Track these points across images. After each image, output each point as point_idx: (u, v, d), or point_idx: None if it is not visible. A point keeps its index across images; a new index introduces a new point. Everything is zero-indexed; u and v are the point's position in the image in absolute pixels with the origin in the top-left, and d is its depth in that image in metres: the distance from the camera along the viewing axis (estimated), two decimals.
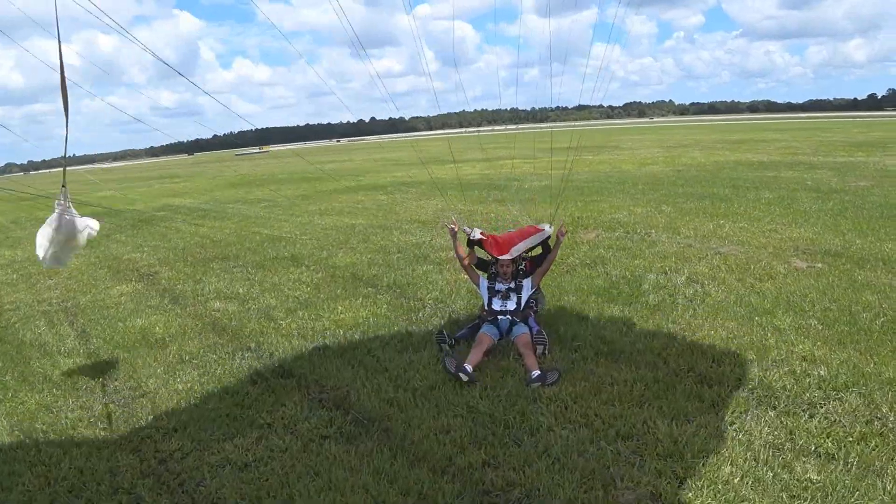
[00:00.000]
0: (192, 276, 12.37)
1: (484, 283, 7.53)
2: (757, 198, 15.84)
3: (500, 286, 7.39)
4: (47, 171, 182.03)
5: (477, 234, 7.37)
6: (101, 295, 11.59)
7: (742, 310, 7.49)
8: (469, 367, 6.14)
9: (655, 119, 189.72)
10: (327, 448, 5.24)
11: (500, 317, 7.22)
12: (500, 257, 7.28)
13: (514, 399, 5.65)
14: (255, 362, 7.35)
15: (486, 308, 7.39)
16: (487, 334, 6.90)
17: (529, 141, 69.36)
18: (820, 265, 9.21)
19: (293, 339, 7.98)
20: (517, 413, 5.38)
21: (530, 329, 6.98)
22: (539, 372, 6.02)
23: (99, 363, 8.00)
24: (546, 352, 6.55)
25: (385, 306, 8.92)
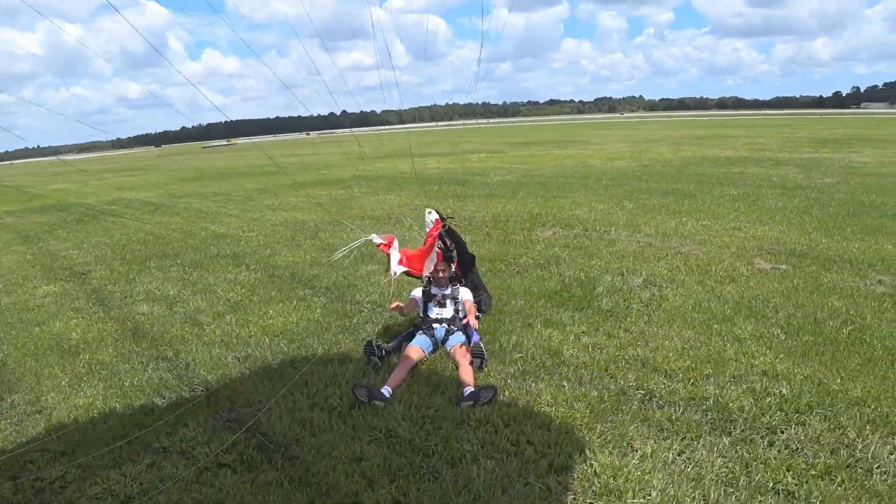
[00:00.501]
0: (126, 275, 11.52)
1: (419, 290, 6.92)
2: (722, 194, 15.40)
3: (435, 290, 6.78)
4: (9, 162, 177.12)
5: (400, 271, 6.67)
6: (25, 296, 10.70)
7: (700, 316, 6.92)
8: (387, 392, 5.48)
9: (626, 114, 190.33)
10: (222, 479, 4.55)
11: (435, 325, 6.59)
12: (421, 275, 6.86)
13: (440, 421, 4.99)
14: (169, 374, 6.62)
15: (421, 315, 6.77)
16: (417, 347, 6.25)
17: (499, 135, 68.70)
18: (784, 266, 8.70)
19: (214, 347, 7.24)
20: (441, 439, 4.72)
21: (469, 339, 6.35)
22: (472, 389, 5.37)
23: (3, 373, 7.19)
24: (483, 366, 5.90)
25: (319, 310, 8.21)
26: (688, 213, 13.10)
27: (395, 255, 6.60)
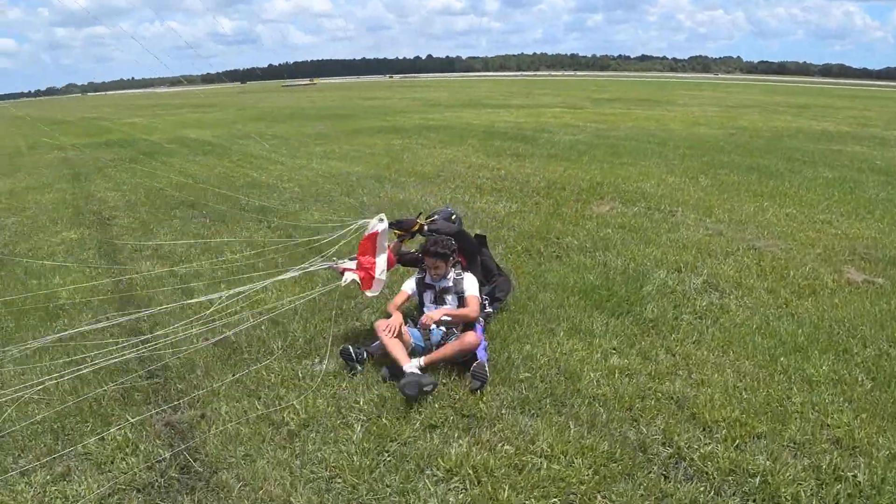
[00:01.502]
0: (146, 224, 10.97)
1: (412, 281, 5.84)
2: (814, 176, 13.35)
3: (431, 281, 5.69)
4: (104, 93, 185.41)
5: (350, 277, 5.67)
6: (44, 242, 10.25)
7: (765, 341, 5.48)
8: (417, 366, 4.85)
9: (720, 75, 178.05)
10: None
11: (432, 327, 5.50)
12: (367, 293, 5.73)
13: (402, 461, 3.96)
14: (134, 353, 5.78)
15: (417, 308, 5.74)
16: (407, 332, 5.31)
17: (581, 89, 65.75)
18: (881, 280, 7.02)
19: (194, 325, 6.35)
20: (393, 490, 3.70)
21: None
22: (411, 369, 4.74)
23: None
24: (482, 389, 4.75)
25: (320, 284, 7.24)
26: (771, 196, 11.31)
27: (350, 275, 5.67)
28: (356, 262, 5.70)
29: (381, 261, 5.59)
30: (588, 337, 5.64)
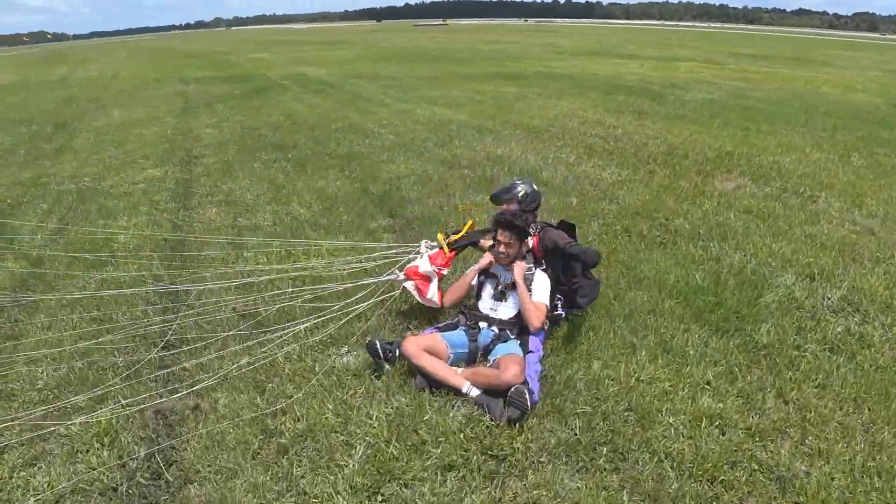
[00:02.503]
0: (228, 166, 10.64)
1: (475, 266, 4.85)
2: None
3: (496, 270, 4.67)
4: (245, 27, 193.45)
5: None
6: (128, 179, 10.19)
7: None
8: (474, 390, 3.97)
9: (888, 36, 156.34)
10: None
11: (482, 324, 4.52)
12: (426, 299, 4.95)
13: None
14: (155, 320, 5.22)
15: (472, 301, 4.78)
16: (443, 340, 4.31)
17: (725, 43, 60.49)
18: None
19: (229, 292, 5.68)
20: None
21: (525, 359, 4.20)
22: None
23: (14, 282, 6.26)
24: (522, 421, 3.70)
25: (376, 253, 6.40)
26: None
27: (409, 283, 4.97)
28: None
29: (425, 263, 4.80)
30: (678, 361, 4.44)
